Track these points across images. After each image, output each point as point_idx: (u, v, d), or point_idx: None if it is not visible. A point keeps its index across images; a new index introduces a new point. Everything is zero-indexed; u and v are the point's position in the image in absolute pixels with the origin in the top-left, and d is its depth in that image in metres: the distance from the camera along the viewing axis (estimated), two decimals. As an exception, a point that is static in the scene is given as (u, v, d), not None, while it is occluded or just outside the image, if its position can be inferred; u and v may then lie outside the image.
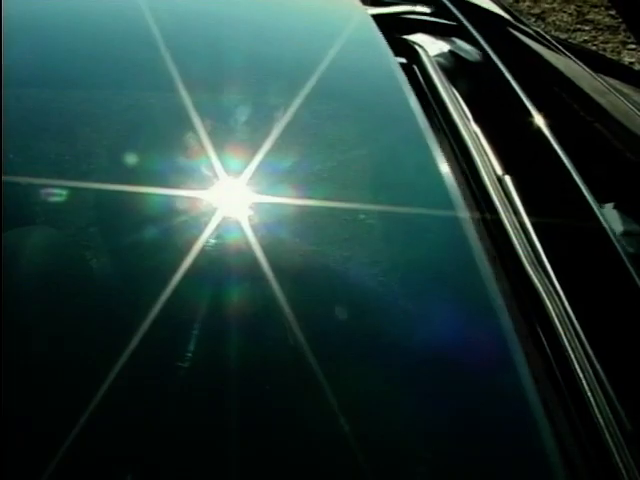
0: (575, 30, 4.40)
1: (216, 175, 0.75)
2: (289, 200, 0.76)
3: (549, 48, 1.12)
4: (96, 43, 0.92)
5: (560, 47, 1.13)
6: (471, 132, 0.89)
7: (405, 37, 1.08)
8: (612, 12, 4.47)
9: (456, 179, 0.86)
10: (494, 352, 0.70)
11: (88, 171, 0.90)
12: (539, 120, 0.89)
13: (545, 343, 0.67)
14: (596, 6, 4.59)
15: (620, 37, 4.31)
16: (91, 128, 0.94)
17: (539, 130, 0.87)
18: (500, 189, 0.80)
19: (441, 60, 1.05)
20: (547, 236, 0.75)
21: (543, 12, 4.52)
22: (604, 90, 1.01)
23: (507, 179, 0.81)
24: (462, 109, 0.93)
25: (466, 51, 1.09)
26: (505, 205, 0.78)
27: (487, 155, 0.85)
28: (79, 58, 0.90)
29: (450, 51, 1.09)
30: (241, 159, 0.76)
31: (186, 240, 0.69)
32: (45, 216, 0.84)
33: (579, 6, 4.63)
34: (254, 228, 0.71)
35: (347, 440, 0.58)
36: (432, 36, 1.11)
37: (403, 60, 1.06)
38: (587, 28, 4.52)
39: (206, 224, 0.71)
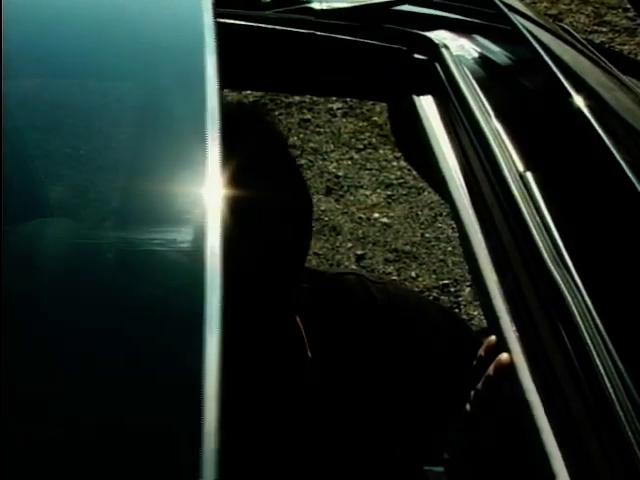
0: (592, 32, 4.38)
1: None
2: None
3: (573, 46, 1.12)
4: None
5: (585, 44, 1.13)
6: (493, 128, 0.89)
7: (426, 34, 1.08)
8: (630, 14, 4.45)
9: (478, 175, 0.86)
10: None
11: None
12: (562, 116, 0.89)
13: (566, 339, 0.67)
14: (614, 8, 4.57)
15: (638, 39, 4.29)
16: None
17: (562, 126, 0.87)
18: (522, 185, 0.80)
19: (464, 56, 1.05)
20: (569, 233, 0.75)
21: (560, 13, 4.51)
22: (629, 87, 1.01)
23: (529, 175, 0.81)
24: (484, 106, 0.93)
25: (489, 48, 1.10)
26: (527, 201, 0.78)
27: (509, 151, 0.85)
28: None
29: (473, 48, 1.09)
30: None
31: None
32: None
33: (596, 8, 4.61)
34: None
35: None
36: (454, 33, 1.11)
37: (424, 57, 1.06)
38: (604, 30, 4.50)
39: None
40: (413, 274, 3.15)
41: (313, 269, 1.26)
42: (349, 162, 3.76)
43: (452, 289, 3.10)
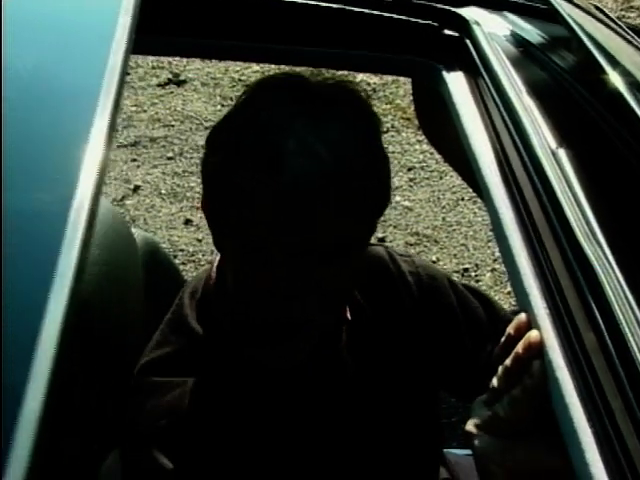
0: (620, 17, 4.33)
1: None
2: None
3: (606, 25, 1.11)
4: None
5: (618, 24, 1.12)
6: (525, 105, 0.88)
7: (457, 10, 1.07)
8: (658, -1, 4.41)
9: (509, 152, 0.85)
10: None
11: None
12: (593, 93, 0.88)
13: (598, 316, 0.66)
14: (642, -7, 4.53)
15: (666, 25, 4.24)
16: None
17: (596, 103, 0.86)
18: (554, 162, 0.79)
19: (495, 34, 1.04)
20: (602, 210, 0.74)
21: (587, -2, 4.47)
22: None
23: (561, 152, 0.80)
24: (516, 82, 0.92)
25: (521, 26, 1.09)
26: (559, 178, 0.77)
27: (541, 128, 0.84)
28: None
29: (504, 25, 1.08)
30: None
31: None
32: None
33: (625, -8, 4.57)
34: None
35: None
36: (486, 10, 1.10)
37: (455, 34, 1.05)
38: (632, 15, 4.46)
39: None
40: (434, 258, 3.14)
41: None
42: (371, 145, 3.74)
43: (473, 273, 3.09)
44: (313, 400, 1.17)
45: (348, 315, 1.18)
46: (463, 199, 3.43)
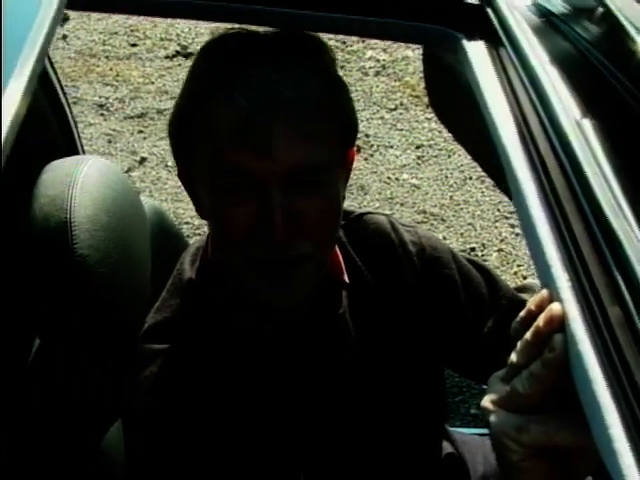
0: None
1: None
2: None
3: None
4: None
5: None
6: (548, 75, 0.86)
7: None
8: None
9: (531, 122, 0.83)
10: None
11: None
12: (619, 65, 0.86)
13: (624, 290, 0.64)
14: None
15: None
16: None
17: (620, 74, 0.84)
18: (579, 132, 0.77)
19: (517, 3, 1.02)
20: (628, 181, 0.72)
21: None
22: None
23: (586, 122, 0.78)
24: (539, 52, 0.90)
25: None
26: (584, 149, 0.75)
27: (565, 98, 0.82)
28: None
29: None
30: None
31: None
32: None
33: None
34: None
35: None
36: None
37: (476, 2, 1.03)
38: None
39: None
40: (440, 236, 3.13)
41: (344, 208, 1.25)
42: (379, 121, 3.73)
43: (479, 253, 3.08)
44: (312, 365, 1.16)
45: (346, 278, 1.18)
46: (471, 178, 3.40)
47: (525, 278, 2.89)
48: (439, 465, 1.36)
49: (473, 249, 3.10)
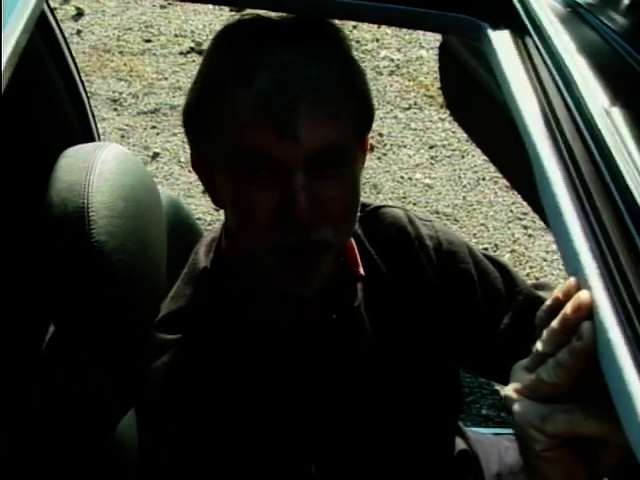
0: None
1: None
2: None
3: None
4: None
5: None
6: (576, 64, 0.84)
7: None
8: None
9: (558, 110, 0.82)
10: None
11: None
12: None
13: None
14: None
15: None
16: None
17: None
18: (608, 120, 0.76)
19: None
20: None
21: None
22: None
23: (615, 110, 0.77)
24: (566, 41, 0.89)
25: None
26: (613, 136, 0.74)
27: (593, 87, 0.81)
28: None
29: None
30: None
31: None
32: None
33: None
34: None
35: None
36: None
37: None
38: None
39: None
40: (453, 236, 3.11)
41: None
42: (393, 121, 3.71)
43: (492, 254, 3.06)
44: (326, 358, 1.15)
45: (361, 271, 1.17)
46: (484, 179, 3.39)
47: (537, 279, 2.87)
48: (452, 461, 1.35)
49: (486, 249, 3.08)
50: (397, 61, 4.07)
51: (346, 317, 1.16)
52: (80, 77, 1.60)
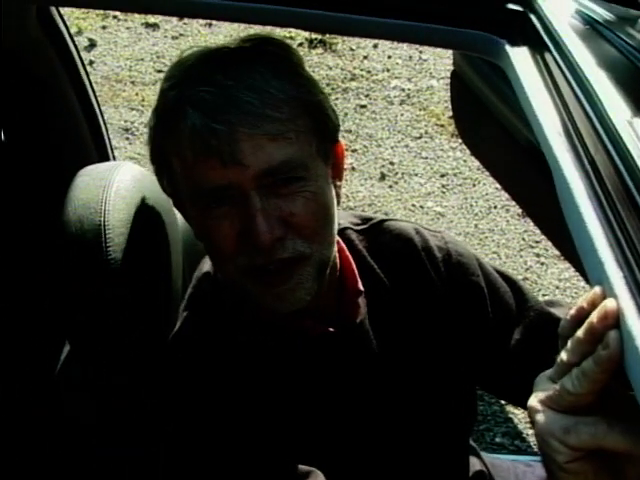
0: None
1: None
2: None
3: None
4: None
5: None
6: (597, 78, 0.84)
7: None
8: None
9: (579, 123, 0.82)
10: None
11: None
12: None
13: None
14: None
15: None
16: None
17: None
18: (631, 131, 0.75)
19: (561, 9, 1.01)
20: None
21: None
22: None
23: (638, 122, 0.77)
24: (585, 56, 0.89)
25: (585, 4, 1.05)
26: (638, 149, 0.74)
27: (615, 100, 0.81)
28: None
29: (569, 2, 1.05)
30: None
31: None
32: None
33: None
34: None
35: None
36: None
37: (519, 8, 1.02)
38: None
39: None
40: (465, 264, 3.10)
41: (365, 214, 1.24)
42: (404, 149, 3.72)
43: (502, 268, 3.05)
44: (332, 373, 1.15)
45: (360, 286, 1.16)
46: (496, 207, 3.39)
47: (550, 307, 2.86)
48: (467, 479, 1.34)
49: (498, 277, 3.07)
50: (408, 91, 4.09)
51: (349, 332, 1.16)
52: (97, 100, 1.62)
